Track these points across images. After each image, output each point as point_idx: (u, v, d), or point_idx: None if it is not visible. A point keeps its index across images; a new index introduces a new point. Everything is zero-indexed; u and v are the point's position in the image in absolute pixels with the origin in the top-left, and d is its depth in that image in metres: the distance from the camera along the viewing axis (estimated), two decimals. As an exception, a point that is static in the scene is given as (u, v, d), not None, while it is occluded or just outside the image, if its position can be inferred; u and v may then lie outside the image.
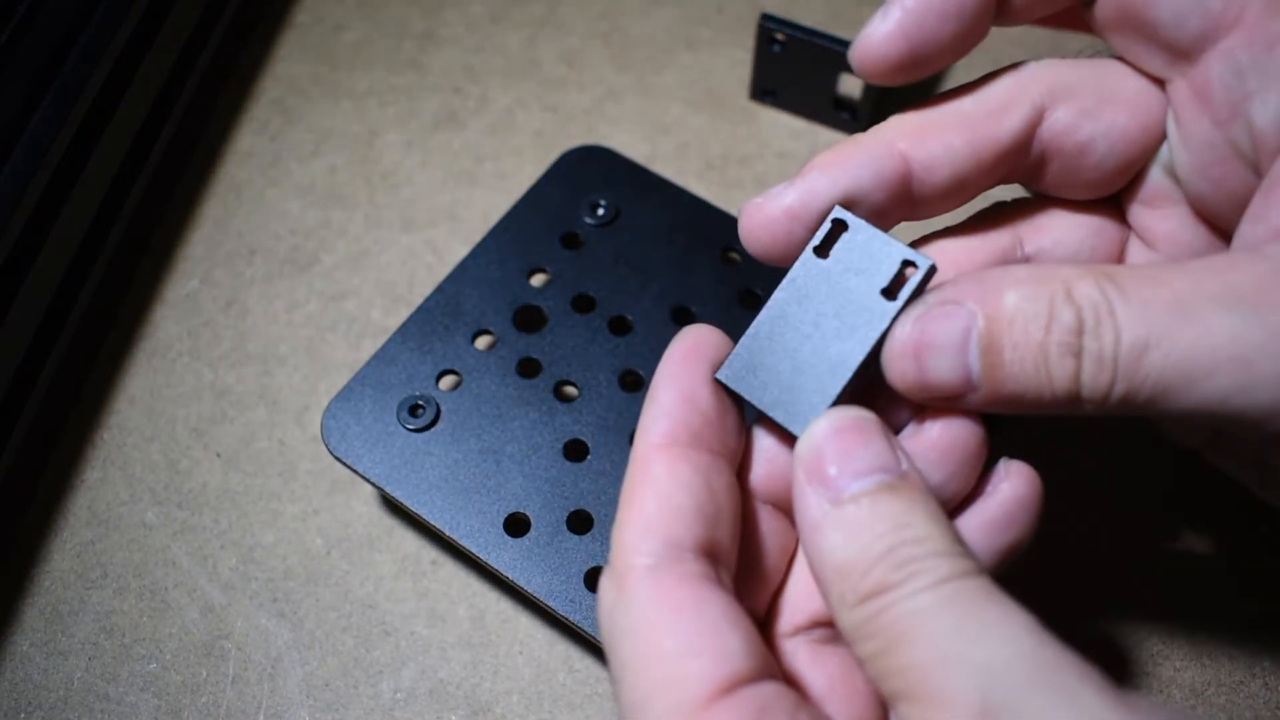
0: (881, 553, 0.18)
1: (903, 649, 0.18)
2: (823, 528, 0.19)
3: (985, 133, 0.23)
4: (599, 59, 0.42)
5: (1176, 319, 0.18)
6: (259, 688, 0.30)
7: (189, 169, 0.40)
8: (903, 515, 0.19)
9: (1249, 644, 0.30)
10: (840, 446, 0.19)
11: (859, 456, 0.19)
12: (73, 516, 0.33)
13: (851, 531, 0.19)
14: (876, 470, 0.19)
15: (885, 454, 0.19)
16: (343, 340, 0.36)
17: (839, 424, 0.20)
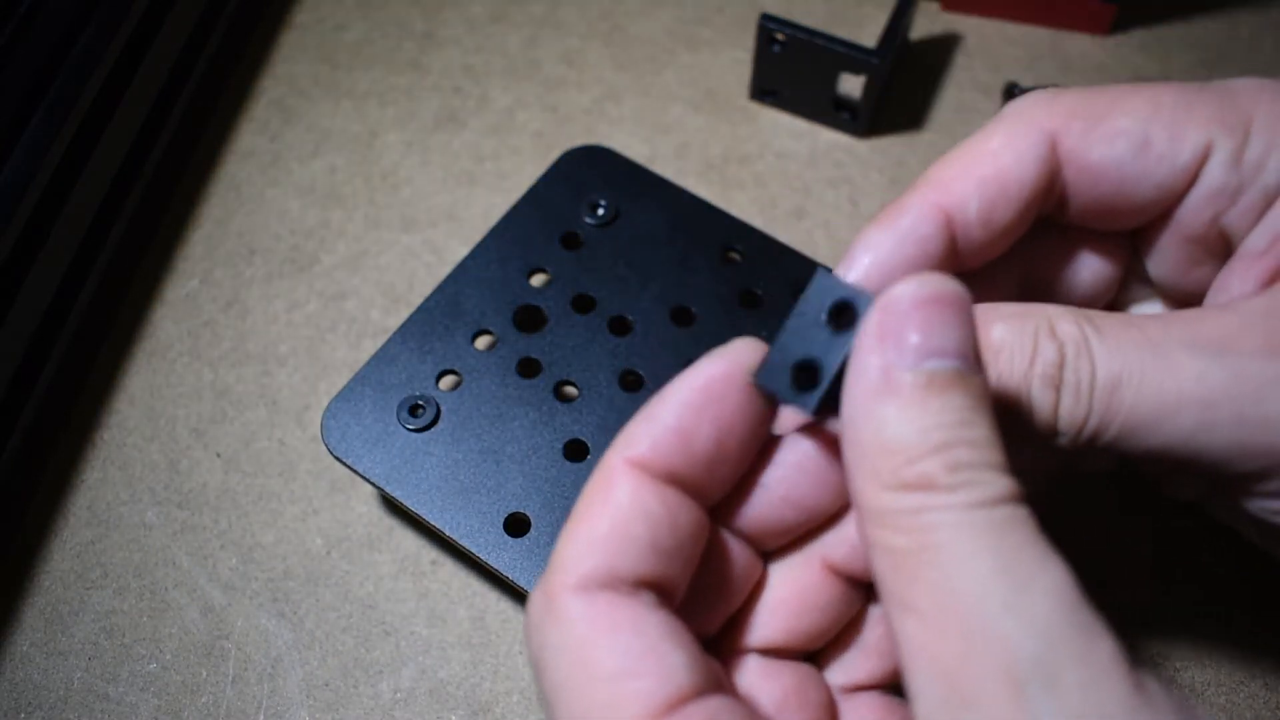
0: (938, 444, 0.17)
1: (934, 563, 0.16)
2: (882, 396, 0.17)
3: (1005, 167, 0.23)
4: (599, 59, 0.42)
5: (1148, 359, 0.20)
6: (259, 688, 0.30)
7: (189, 169, 0.40)
8: (968, 412, 0.17)
9: (1249, 644, 0.30)
10: (928, 315, 0.17)
11: (944, 334, 0.17)
12: (73, 516, 0.33)
13: (913, 410, 0.17)
14: (957, 355, 0.17)
15: (969, 340, 0.18)
16: (343, 340, 0.36)
17: (934, 290, 0.18)
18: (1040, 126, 0.22)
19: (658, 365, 0.31)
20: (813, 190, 0.38)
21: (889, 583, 0.17)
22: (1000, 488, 0.17)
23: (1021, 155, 0.22)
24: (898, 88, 0.41)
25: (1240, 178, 0.22)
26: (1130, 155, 0.22)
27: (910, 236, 0.22)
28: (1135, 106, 0.22)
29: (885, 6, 0.43)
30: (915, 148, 0.39)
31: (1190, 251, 0.23)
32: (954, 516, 0.17)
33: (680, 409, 0.19)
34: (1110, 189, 0.23)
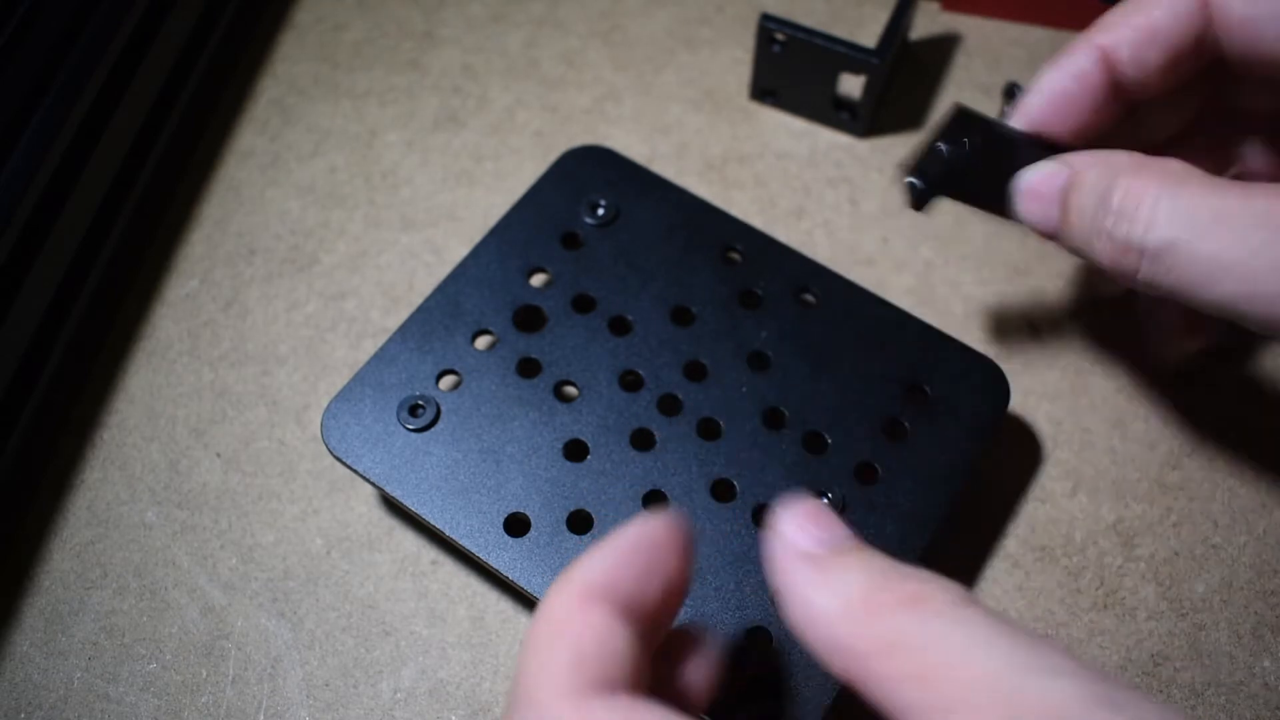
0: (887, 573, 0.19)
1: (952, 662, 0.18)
2: (816, 580, 0.20)
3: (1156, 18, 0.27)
4: (599, 59, 0.42)
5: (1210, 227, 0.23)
6: (259, 688, 0.30)
7: (189, 169, 0.40)
8: (886, 560, 0.20)
9: (1249, 644, 0.30)
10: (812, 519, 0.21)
11: (831, 527, 0.21)
12: (73, 516, 0.33)
13: (849, 570, 0.20)
14: (846, 538, 0.21)
15: (845, 530, 0.21)
16: (343, 340, 0.36)
17: (800, 513, 0.21)
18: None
19: (658, 365, 0.31)
20: (813, 190, 0.38)
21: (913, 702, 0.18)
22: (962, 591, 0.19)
23: (1172, 7, 0.26)
24: (898, 88, 0.41)
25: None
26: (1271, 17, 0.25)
27: (1071, 70, 0.27)
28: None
29: (885, 6, 0.43)
30: (915, 148, 0.39)
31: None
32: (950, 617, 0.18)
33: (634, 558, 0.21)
34: (1254, 47, 0.26)
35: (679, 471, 0.29)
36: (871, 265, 0.37)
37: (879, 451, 0.30)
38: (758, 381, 0.31)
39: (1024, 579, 0.31)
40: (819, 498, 0.29)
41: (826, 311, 0.32)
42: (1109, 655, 0.30)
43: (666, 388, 0.31)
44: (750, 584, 0.28)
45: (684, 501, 0.29)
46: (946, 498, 0.29)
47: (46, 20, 0.34)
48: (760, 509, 0.29)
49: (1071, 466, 0.33)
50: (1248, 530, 0.32)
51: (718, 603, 0.28)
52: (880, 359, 0.31)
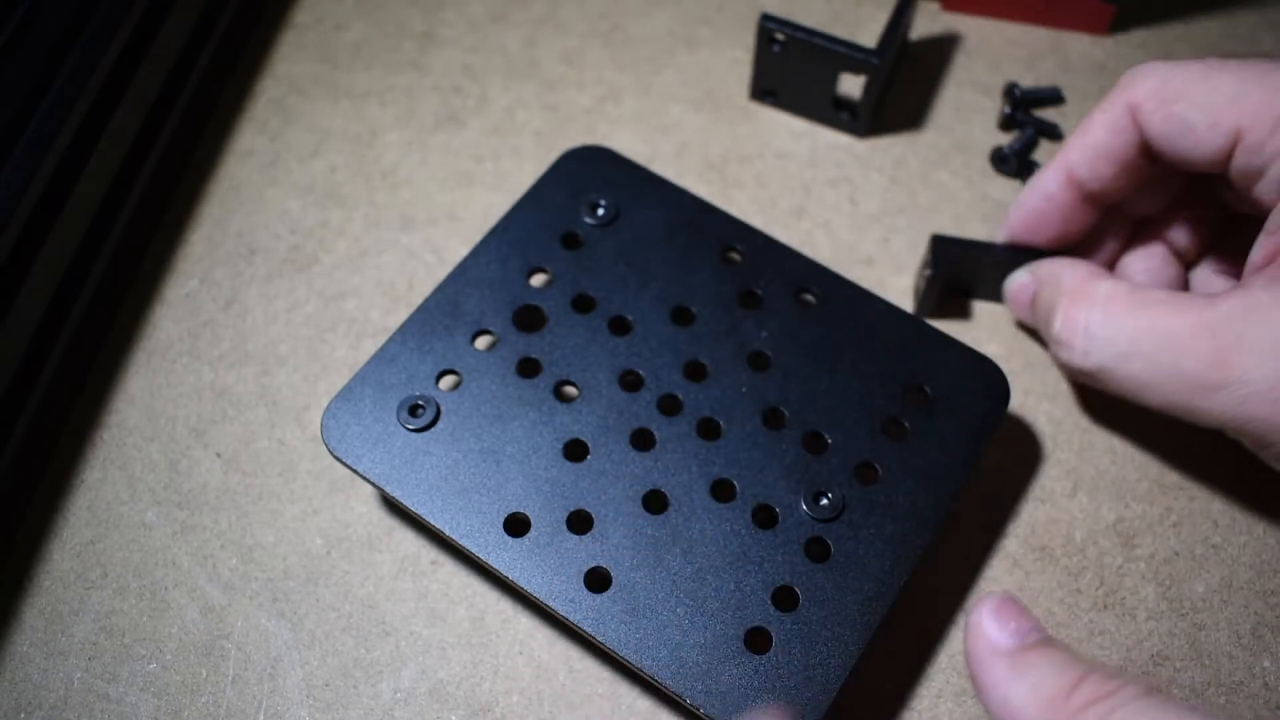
0: (1079, 676, 0.21)
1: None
2: (1012, 675, 0.22)
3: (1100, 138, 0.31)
4: (599, 59, 0.42)
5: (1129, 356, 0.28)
6: (259, 688, 0.30)
7: (189, 169, 0.40)
8: (1074, 657, 0.22)
9: (1249, 644, 0.30)
10: (1005, 615, 0.23)
11: (1020, 620, 0.23)
12: (73, 516, 0.33)
13: (1041, 667, 0.22)
14: (1032, 629, 0.23)
15: (1032, 619, 0.23)
16: (343, 340, 0.36)
17: (994, 605, 0.24)
18: (1126, 103, 0.30)
19: (658, 365, 0.31)
20: (813, 190, 0.38)
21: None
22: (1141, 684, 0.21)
23: (1110, 126, 0.30)
24: (898, 88, 0.41)
25: (1260, 163, 0.28)
26: (1180, 135, 0.29)
27: (1041, 191, 0.32)
28: (1200, 94, 0.28)
29: (885, 6, 0.43)
30: (915, 148, 0.39)
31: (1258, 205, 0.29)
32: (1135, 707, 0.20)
33: None
34: (1173, 155, 0.30)
35: (679, 471, 0.29)
36: (871, 265, 0.37)
37: (879, 451, 0.30)
38: (758, 381, 0.31)
39: (1024, 579, 0.31)
40: (819, 498, 0.29)
41: (826, 311, 0.32)
42: (1109, 655, 0.30)
43: (666, 388, 0.31)
44: (750, 584, 0.28)
45: (684, 501, 0.29)
46: (946, 498, 0.29)
47: (46, 20, 0.34)
48: (760, 509, 0.29)
49: (1071, 466, 0.33)
50: (1248, 530, 0.32)
51: (718, 602, 0.28)
52: (880, 359, 0.31)
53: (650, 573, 0.28)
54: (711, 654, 0.27)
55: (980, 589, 0.31)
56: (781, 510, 0.29)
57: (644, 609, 0.27)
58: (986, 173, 0.39)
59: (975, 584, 0.31)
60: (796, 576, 0.28)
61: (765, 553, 0.28)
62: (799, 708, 0.26)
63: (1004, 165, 0.39)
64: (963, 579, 0.31)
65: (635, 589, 0.28)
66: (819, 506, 0.29)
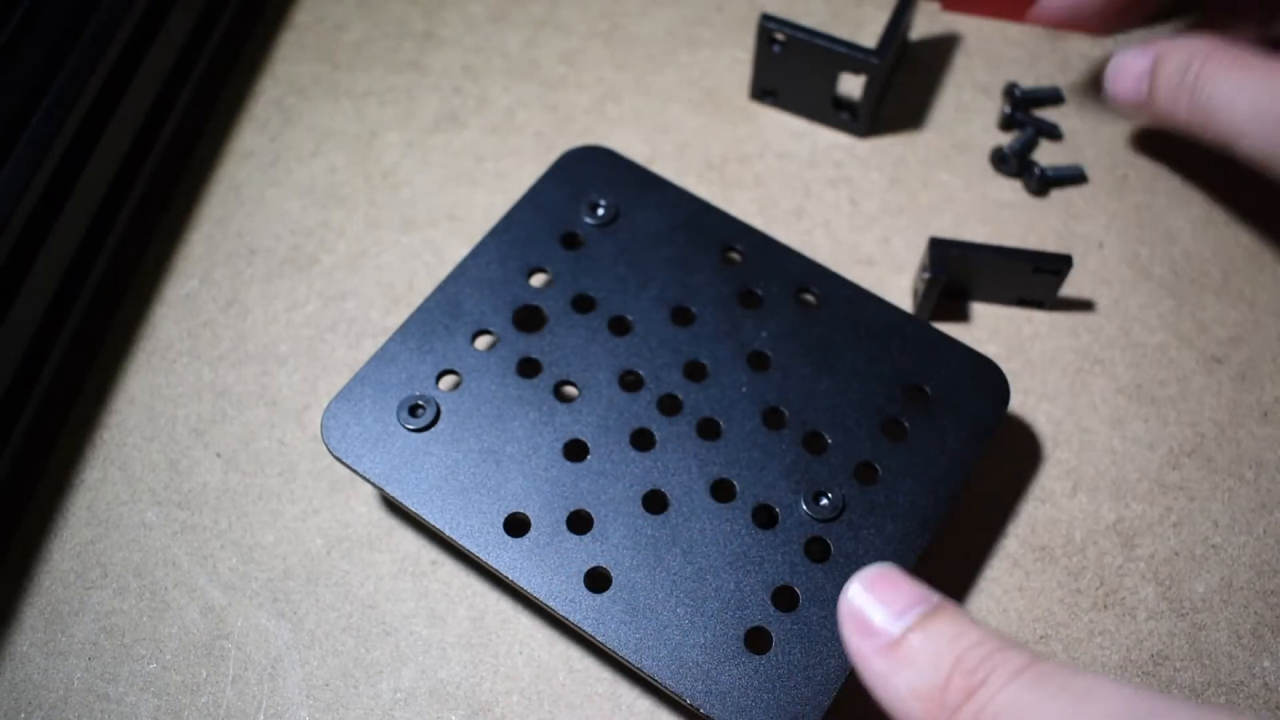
0: (952, 664, 0.20)
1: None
2: (889, 670, 0.21)
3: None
4: (599, 59, 0.42)
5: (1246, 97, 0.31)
6: (259, 688, 0.30)
7: (189, 169, 0.40)
8: (954, 628, 0.21)
9: (1249, 644, 0.30)
10: (875, 598, 0.22)
11: (895, 599, 0.21)
12: (73, 516, 0.33)
13: (916, 660, 0.21)
14: (914, 604, 0.21)
15: (915, 590, 0.22)
16: (343, 340, 0.36)
17: (867, 579, 0.22)
18: None
19: (658, 365, 0.31)
20: (813, 190, 0.38)
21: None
22: (1017, 659, 0.20)
23: None
24: (898, 88, 0.41)
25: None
26: None
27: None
28: None
29: (885, 6, 0.43)
30: (915, 148, 0.39)
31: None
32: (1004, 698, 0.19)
33: None
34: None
35: (679, 471, 0.29)
36: (871, 265, 0.37)
37: (879, 451, 0.30)
38: (758, 381, 0.31)
39: (1024, 579, 0.31)
40: (819, 498, 0.29)
41: (826, 311, 0.32)
42: (1109, 655, 0.30)
43: (666, 388, 0.31)
44: (750, 584, 0.28)
45: (684, 501, 0.29)
46: (946, 498, 0.29)
47: (46, 20, 0.34)
48: (760, 509, 0.29)
49: (1071, 466, 0.33)
50: (1248, 530, 0.32)
51: (718, 602, 0.28)
52: (880, 359, 0.31)
53: (650, 573, 0.28)
54: (711, 654, 0.27)
55: (980, 589, 0.31)
56: (781, 510, 0.29)
57: (644, 609, 0.27)
58: (987, 173, 0.39)
59: (975, 584, 0.31)
60: (796, 576, 0.28)
61: (765, 553, 0.28)
62: (799, 708, 0.26)
63: (1004, 165, 0.39)
64: (963, 579, 0.31)
65: (635, 589, 0.28)
66: (819, 506, 0.29)
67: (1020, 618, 0.30)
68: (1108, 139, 0.39)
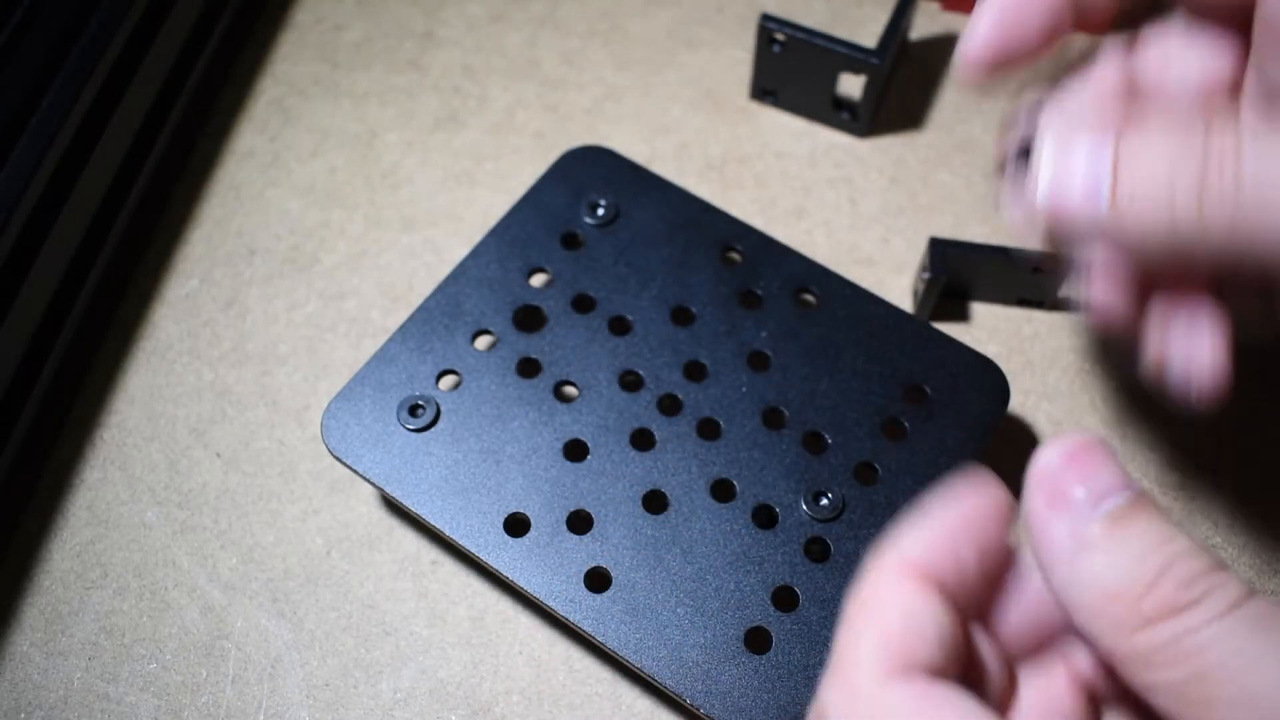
0: (1159, 568, 0.17)
1: (1219, 681, 0.16)
2: (1082, 552, 0.18)
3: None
4: (599, 59, 0.42)
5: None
6: (259, 688, 0.30)
7: (189, 169, 0.40)
8: (1165, 531, 0.18)
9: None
10: (1080, 469, 0.19)
11: (1103, 477, 0.18)
12: (73, 516, 0.33)
13: (1117, 552, 0.18)
14: (1121, 488, 0.18)
15: (1122, 473, 0.19)
16: (343, 340, 0.36)
17: (1072, 447, 0.19)
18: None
19: (658, 365, 0.31)
20: (813, 190, 0.38)
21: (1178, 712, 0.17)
22: (1236, 586, 0.17)
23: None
24: (898, 88, 0.41)
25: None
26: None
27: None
28: None
29: (885, 6, 0.43)
30: (915, 148, 0.39)
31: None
32: (1215, 630, 0.17)
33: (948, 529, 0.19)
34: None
35: (679, 471, 0.29)
36: (871, 265, 0.37)
37: (879, 451, 0.30)
38: (758, 381, 0.31)
39: (1024, 579, 0.31)
40: (819, 498, 0.29)
41: (826, 311, 0.32)
42: (1109, 655, 0.30)
43: (666, 388, 0.31)
44: (750, 584, 0.28)
45: (684, 501, 0.29)
46: (946, 498, 0.29)
47: (46, 20, 0.34)
48: (760, 509, 0.29)
49: (1071, 466, 0.33)
50: (1248, 530, 0.32)
51: (718, 602, 0.28)
52: (880, 359, 0.31)
53: (650, 573, 0.28)
54: (711, 654, 0.27)
55: (980, 589, 0.31)
56: (781, 510, 0.29)
57: (644, 609, 0.27)
58: (987, 173, 0.39)
59: (975, 584, 0.31)
60: (796, 576, 0.28)
61: (765, 553, 0.28)
62: (799, 708, 0.26)
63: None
64: (963, 579, 0.31)
65: (635, 589, 0.28)
66: (819, 506, 0.29)
67: (1020, 618, 0.30)
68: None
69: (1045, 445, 0.19)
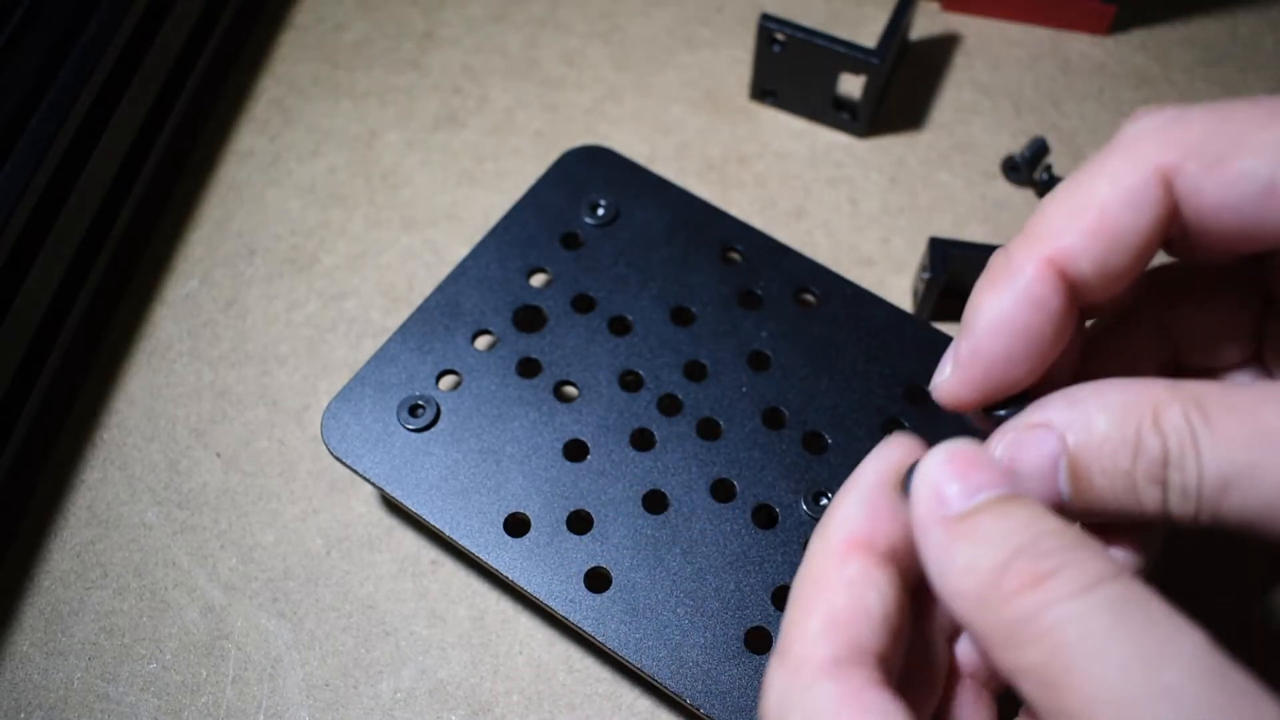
0: (1020, 546, 0.17)
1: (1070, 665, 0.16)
2: (949, 541, 0.18)
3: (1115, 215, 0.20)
4: (599, 59, 0.42)
5: (1260, 455, 0.18)
6: (259, 688, 0.30)
7: (189, 169, 0.40)
8: (1032, 516, 0.18)
9: (1249, 644, 0.30)
10: (954, 470, 0.19)
11: (974, 475, 0.19)
12: (73, 516, 0.33)
13: (982, 537, 0.18)
14: (995, 485, 0.18)
15: (999, 474, 0.19)
16: (343, 340, 0.36)
17: (951, 451, 0.19)
18: (1152, 164, 0.20)
19: (658, 365, 0.31)
20: (813, 190, 0.38)
21: (1043, 705, 0.17)
22: (1096, 565, 0.17)
23: (1132, 201, 0.20)
24: (898, 88, 0.41)
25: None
26: (1254, 200, 0.19)
27: (1026, 297, 0.21)
28: (1263, 142, 0.19)
29: (885, 6, 0.43)
30: (915, 148, 0.39)
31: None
32: (1070, 608, 0.16)
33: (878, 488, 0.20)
34: (1232, 232, 0.20)
35: (679, 471, 0.29)
36: (871, 265, 0.37)
37: (879, 451, 0.30)
38: (758, 381, 0.31)
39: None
40: (819, 498, 0.29)
41: (826, 311, 0.32)
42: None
43: (666, 388, 0.31)
44: (750, 584, 0.28)
45: (684, 501, 0.29)
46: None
47: (46, 20, 0.34)
48: (760, 509, 0.29)
49: (1071, 466, 0.33)
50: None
51: (717, 602, 0.28)
52: (880, 359, 0.31)
53: (650, 573, 0.28)
54: (711, 654, 0.27)
55: (980, 589, 0.31)
56: (781, 510, 0.29)
57: (644, 609, 0.27)
58: (987, 173, 0.39)
59: (975, 584, 0.31)
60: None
61: (765, 553, 0.28)
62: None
63: (1015, 174, 0.38)
64: (963, 579, 0.31)
65: (635, 589, 0.28)
66: (819, 506, 0.29)
67: (1020, 618, 0.30)
68: (1108, 139, 0.39)
69: (929, 454, 0.19)
